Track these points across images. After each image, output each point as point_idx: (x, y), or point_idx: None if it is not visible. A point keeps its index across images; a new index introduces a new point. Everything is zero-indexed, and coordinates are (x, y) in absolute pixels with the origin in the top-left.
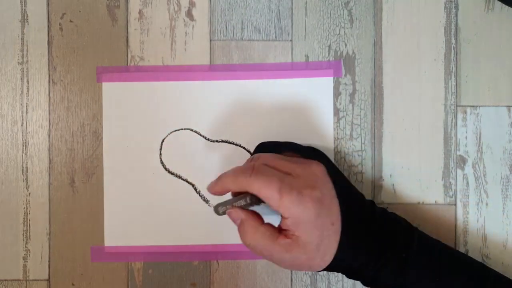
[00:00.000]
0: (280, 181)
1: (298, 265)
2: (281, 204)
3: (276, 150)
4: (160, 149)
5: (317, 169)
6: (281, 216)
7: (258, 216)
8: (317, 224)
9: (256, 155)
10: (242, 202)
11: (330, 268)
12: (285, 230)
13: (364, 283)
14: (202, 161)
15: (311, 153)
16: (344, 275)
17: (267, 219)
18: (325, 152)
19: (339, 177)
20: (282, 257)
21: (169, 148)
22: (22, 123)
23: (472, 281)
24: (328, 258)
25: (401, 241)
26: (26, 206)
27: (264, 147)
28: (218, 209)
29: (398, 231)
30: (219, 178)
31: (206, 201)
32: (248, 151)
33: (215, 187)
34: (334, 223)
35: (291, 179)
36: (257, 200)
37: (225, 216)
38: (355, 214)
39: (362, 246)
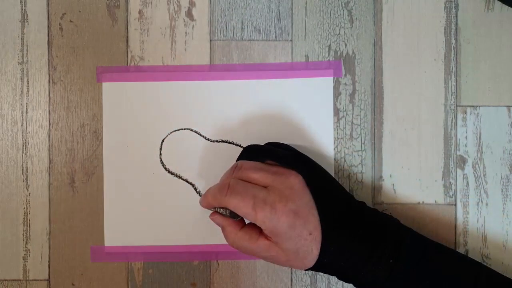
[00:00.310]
0: (254, 198)
1: (280, 263)
2: (256, 219)
3: (259, 157)
4: (160, 149)
5: (294, 181)
6: None
7: (236, 222)
8: (292, 235)
9: (240, 163)
10: (222, 211)
11: (315, 269)
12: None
13: (355, 285)
14: (202, 161)
15: (292, 162)
16: (335, 277)
17: None
18: (325, 152)
19: (321, 184)
20: (264, 256)
21: (169, 148)
22: (22, 123)
23: (464, 281)
24: (309, 262)
25: (390, 243)
26: (26, 206)
27: (250, 151)
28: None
29: (388, 233)
30: (205, 194)
31: None
32: None
33: (202, 203)
34: (312, 232)
35: (266, 194)
36: (233, 214)
37: None
38: (338, 220)
39: (346, 250)
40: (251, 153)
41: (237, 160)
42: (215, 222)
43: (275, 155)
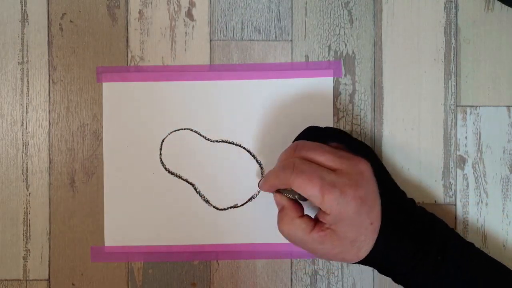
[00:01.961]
0: (322, 179)
1: (331, 256)
2: (322, 201)
3: (322, 138)
4: (160, 149)
5: (364, 167)
6: (321, 209)
7: (298, 208)
8: (356, 222)
9: (301, 142)
10: (289, 194)
11: (364, 262)
12: (321, 222)
13: (395, 281)
14: (202, 161)
15: (359, 148)
16: (375, 270)
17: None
18: None
19: (384, 176)
20: (315, 247)
21: (169, 148)
22: (22, 123)
23: (507, 285)
24: (363, 253)
25: (437, 243)
26: (26, 206)
27: (313, 131)
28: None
29: (436, 232)
30: (266, 176)
31: (206, 201)
32: (248, 151)
33: (263, 185)
34: (373, 222)
35: (334, 177)
36: (302, 197)
37: (225, 216)
38: (395, 214)
39: (398, 246)
40: (314, 132)
41: (295, 140)
42: (276, 201)
43: (343, 139)
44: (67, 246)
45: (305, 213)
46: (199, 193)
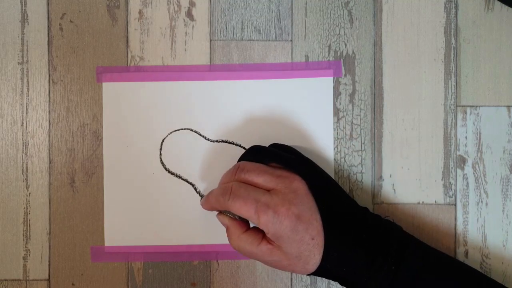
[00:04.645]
0: (256, 202)
1: (282, 267)
2: (259, 222)
3: (263, 158)
4: (160, 149)
5: (298, 185)
6: None
7: (242, 224)
8: (295, 239)
9: (242, 164)
10: (230, 214)
11: (317, 274)
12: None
13: None
14: (202, 161)
15: (297, 166)
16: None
17: None
18: (324, 152)
19: (324, 190)
20: (265, 260)
21: (169, 148)
22: (22, 123)
23: None
24: (311, 267)
25: (393, 250)
26: (26, 206)
27: (253, 152)
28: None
29: (391, 240)
30: (206, 197)
31: None
32: None
33: (204, 205)
34: (314, 237)
35: (268, 198)
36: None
37: None
38: (341, 226)
39: (349, 256)
40: (255, 154)
41: (239, 160)
42: (220, 222)
43: (280, 158)
44: (67, 246)
45: (251, 226)
46: (199, 193)
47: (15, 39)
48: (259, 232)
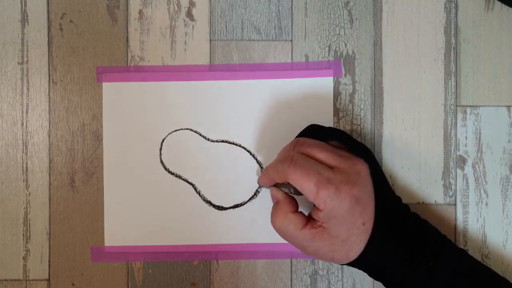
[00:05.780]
0: (318, 174)
1: (321, 255)
2: (317, 196)
3: (323, 137)
4: (160, 149)
5: (362, 168)
6: (315, 206)
7: (292, 203)
8: (348, 221)
9: (302, 139)
10: (285, 189)
11: (354, 264)
12: (314, 219)
13: (385, 285)
14: (202, 161)
15: (359, 149)
16: (366, 274)
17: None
18: None
19: (380, 179)
20: (305, 244)
21: (169, 148)
22: (22, 123)
23: None
24: (353, 255)
25: (430, 249)
26: (26, 206)
27: (315, 129)
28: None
29: (429, 238)
30: (265, 169)
31: (206, 201)
32: (248, 151)
33: (261, 178)
34: (365, 223)
35: (331, 174)
36: (297, 191)
37: (225, 216)
38: (389, 218)
39: (390, 250)
40: (316, 131)
41: (297, 137)
42: (272, 195)
43: (343, 137)
44: (67, 246)
45: (299, 210)
46: (199, 193)
47: (15, 39)
48: (305, 217)
